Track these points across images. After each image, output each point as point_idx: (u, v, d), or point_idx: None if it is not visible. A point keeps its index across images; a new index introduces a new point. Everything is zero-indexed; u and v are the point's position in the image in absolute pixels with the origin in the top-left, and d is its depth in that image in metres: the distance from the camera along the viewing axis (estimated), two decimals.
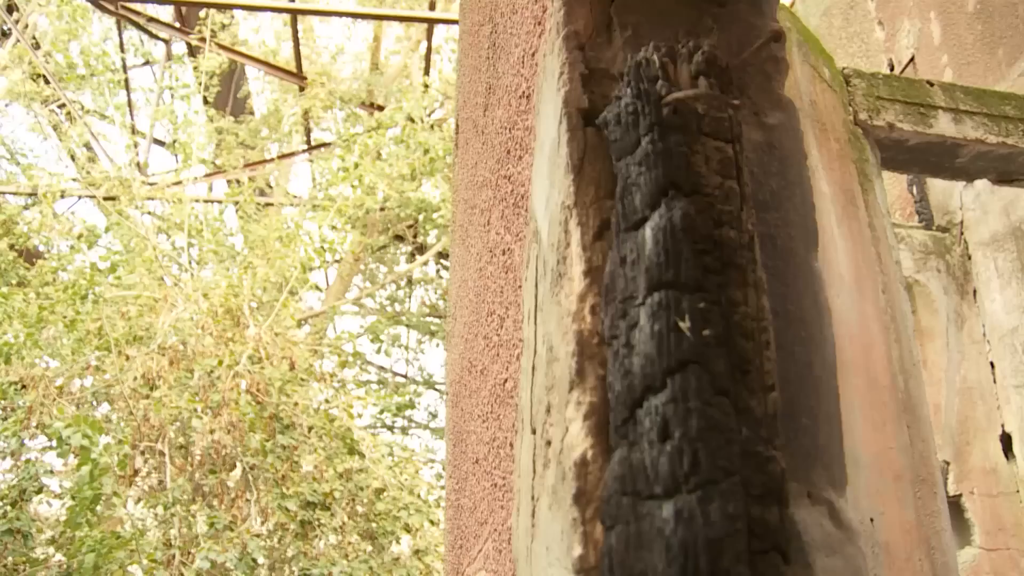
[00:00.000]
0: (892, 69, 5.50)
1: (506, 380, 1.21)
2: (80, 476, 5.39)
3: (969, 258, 4.95)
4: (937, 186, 5.07)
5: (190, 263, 9.12)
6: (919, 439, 2.20)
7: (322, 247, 8.18)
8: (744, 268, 0.75)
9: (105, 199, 9.27)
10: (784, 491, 0.69)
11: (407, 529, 6.96)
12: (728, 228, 0.76)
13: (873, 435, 2.04)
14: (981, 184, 4.82)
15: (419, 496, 7.24)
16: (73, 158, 10.61)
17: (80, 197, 10.37)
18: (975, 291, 4.87)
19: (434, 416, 10.43)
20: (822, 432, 0.83)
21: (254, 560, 5.86)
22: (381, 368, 10.27)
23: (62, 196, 9.56)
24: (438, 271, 10.97)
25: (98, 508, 5.75)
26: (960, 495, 4.51)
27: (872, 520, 1.93)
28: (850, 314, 2.26)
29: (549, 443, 0.86)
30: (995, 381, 4.68)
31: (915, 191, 5.26)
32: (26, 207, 9.80)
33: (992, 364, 4.69)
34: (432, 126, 9.31)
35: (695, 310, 0.72)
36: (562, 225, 0.88)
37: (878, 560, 1.86)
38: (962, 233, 4.99)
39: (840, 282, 2.23)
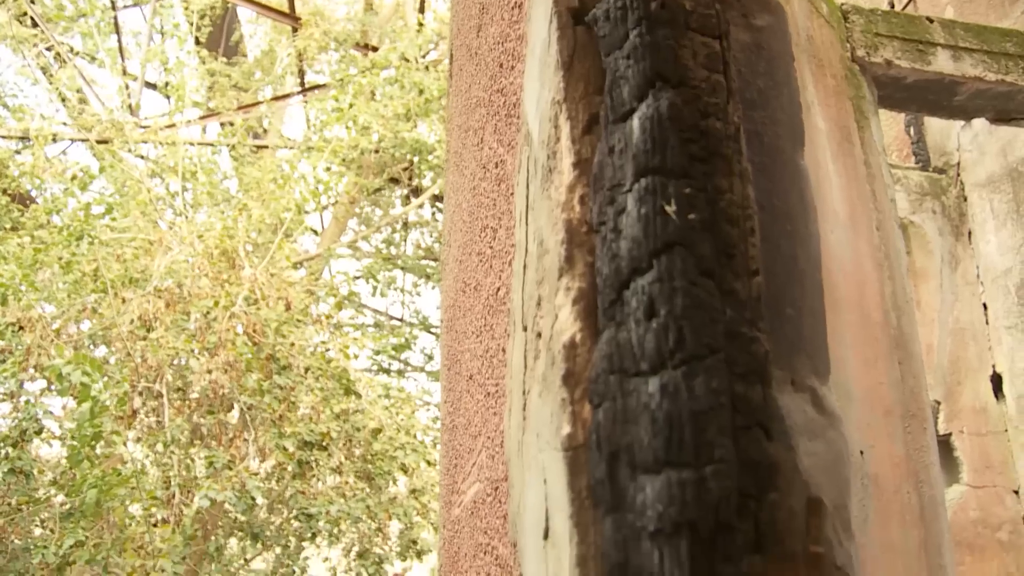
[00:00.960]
0: (892, 7, 5.43)
1: (499, 288, 1.22)
2: (81, 413, 5.42)
3: (965, 199, 4.95)
4: (934, 127, 5.04)
5: (185, 207, 9.08)
6: (910, 375, 2.22)
7: (317, 188, 8.14)
8: (729, 158, 0.76)
9: (98, 142, 9.19)
10: (767, 371, 0.71)
11: (403, 469, 7.04)
12: (714, 119, 0.77)
13: (864, 370, 2.06)
14: (979, 125, 4.80)
15: (415, 437, 7.31)
16: (64, 101, 10.49)
17: (72, 141, 10.27)
18: (970, 232, 4.88)
19: (430, 358, 10.47)
20: (806, 323, 0.84)
21: (252, 499, 5.93)
22: (376, 311, 10.30)
23: (54, 140, 9.46)
24: (433, 214, 10.93)
25: (98, 447, 5.80)
26: (950, 434, 4.56)
27: (862, 452, 1.96)
28: (844, 250, 2.26)
29: (539, 335, 0.87)
30: (987, 322, 4.71)
31: (912, 132, 5.24)
32: (17, 151, 9.71)
33: (985, 305, 4.72)
34: (427, 67, 9.20)
35: (681, 195, 0.73)
36: (552, 121, 0.88)
37: (867, 491, 1.89)
38: (958, 174, 4.98)
39: (834, 218, 2.24)
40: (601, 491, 0.71)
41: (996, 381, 4.58)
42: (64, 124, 10.09)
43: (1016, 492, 4.46)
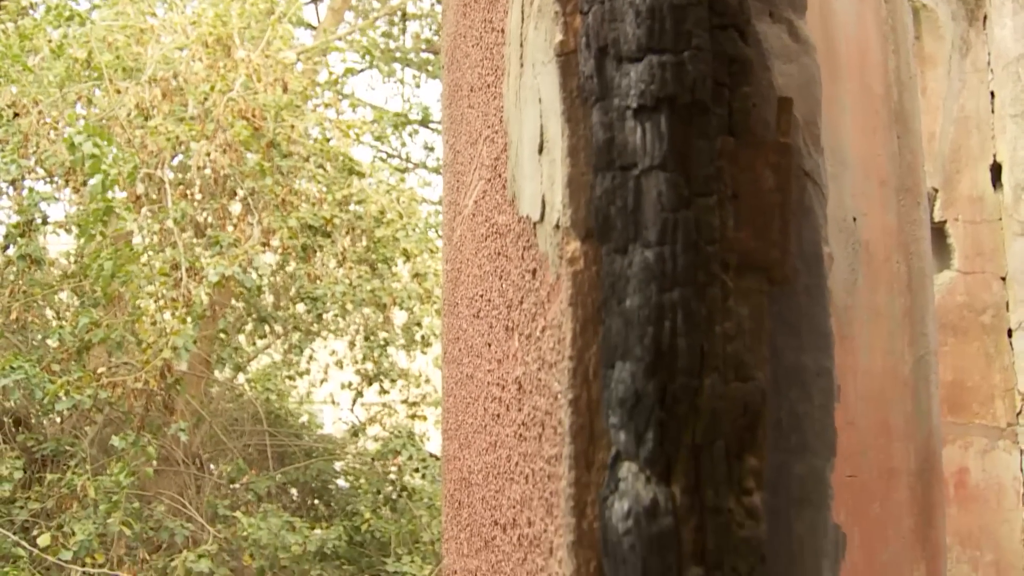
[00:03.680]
0: None
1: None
2: (92, 186, 5.48)
3: None
4: None
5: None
6: (908, 150, 2.25)
7: None
8: None
9: None
10: None
11: (405, 254, 7.18)
12: None
13: (862, 139, 2.09)
14: None
15: (417, 226, 7.42)
16: None
17: None
18: (985, 17, 4.76)
19: (431, 150, 10.47)
20: None
21: (260, 276, 6.09)
22: (376, 107, 10.19)
23: None
24: (432, 5, 10.62)
25: (108, 225, 5.90)
26: (945, 221, 4.62)
27: (855, 219, 2.03)
28: (848, 17, 2.24)
29: None
30: (993, 111, 4.68)
31: None
32: None
33: (992, 93, 4.66)
34: None
35: None
36: None
37: (857, 256, 1.97)
38: None
39: None
40: (590, 85, 0.77)
41: (995, 170, 4.59)
42: None
43: (1003, 279, 4.57)
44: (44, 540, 6.07)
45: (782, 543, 0.76)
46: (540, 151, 0.87)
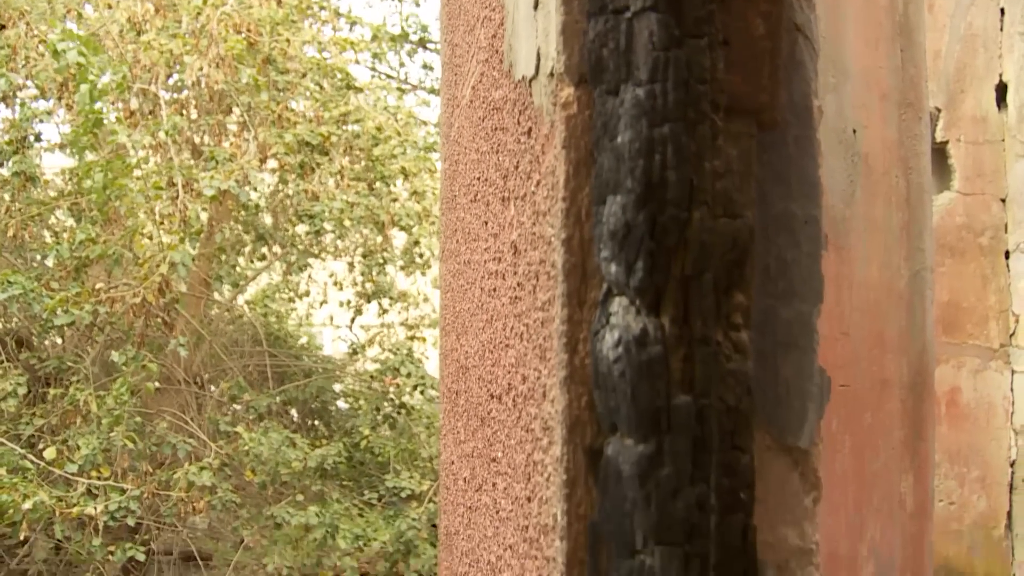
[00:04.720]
0: None
1: None
2: (80, 96, 5.42)
3: None
4: None
5: None
6: (911, 64, 2.22)
7: None
8: None
9: None
10: None
11: (404, 173, 7.16)
12: None
13: (864, 50, 2.07)
14: None
15: (415, 144, 7.37)
16: None
17: None
18: None
19: (430, 69, 10.34)
20: None
21: (258, 194, 6.07)
22: (373, 25, 10.01)
23: None
24: None
25: (99, 138, 5.83)
26: (947, 142, 4.58)
27: (854, 131, 2.02)
28: None
29: None
30: (1002, 29, 4.58)
31: None
32: None
33: (1003, 10, 4.56)
34: None
35: None
36: None
37: (856, 169, 1.97)
38: None
39: None
40: None
41: (1000, 90, 4.53)
42: None
43: (1003, 200, 4.55)
44: (50, 454, 6.19)
45: (769, 384, 0.79)
46: (536, 7, 0.88)
